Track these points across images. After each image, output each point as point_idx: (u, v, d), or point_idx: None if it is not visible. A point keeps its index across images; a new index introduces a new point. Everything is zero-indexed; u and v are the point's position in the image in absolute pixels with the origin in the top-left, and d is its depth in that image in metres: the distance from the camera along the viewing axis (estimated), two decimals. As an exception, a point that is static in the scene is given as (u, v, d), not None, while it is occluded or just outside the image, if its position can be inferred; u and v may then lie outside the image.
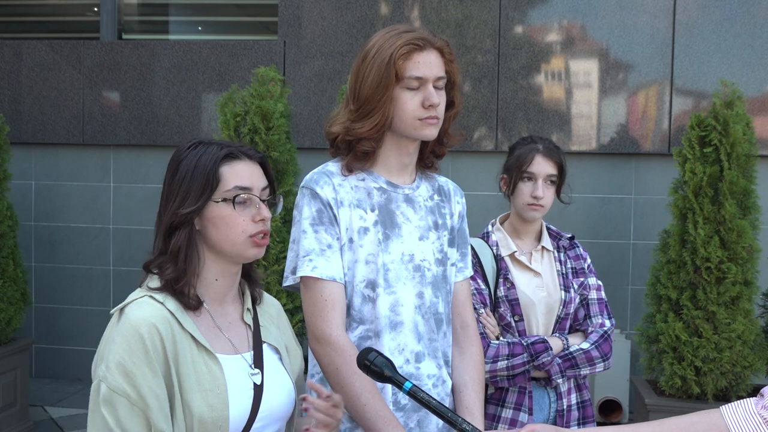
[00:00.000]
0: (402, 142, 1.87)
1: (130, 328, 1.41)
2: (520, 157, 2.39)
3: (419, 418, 1.85)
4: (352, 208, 1.83)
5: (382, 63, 1.78)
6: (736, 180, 3.57)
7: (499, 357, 2.26)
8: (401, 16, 5.05)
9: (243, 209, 1.51)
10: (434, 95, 1.80)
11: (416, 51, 1.79)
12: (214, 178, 1.49)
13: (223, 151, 1.51)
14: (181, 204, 1.48)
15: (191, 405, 1.41)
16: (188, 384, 1.42)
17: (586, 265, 2.46)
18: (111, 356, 1.40)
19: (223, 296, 1.58)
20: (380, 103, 1.78)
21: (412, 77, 1.78)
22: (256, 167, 1.55)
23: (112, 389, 1.38)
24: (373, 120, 1.79)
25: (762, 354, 3.65)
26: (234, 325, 1.58)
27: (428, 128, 1.82)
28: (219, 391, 1.45)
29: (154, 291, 1.49)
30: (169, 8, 5.92)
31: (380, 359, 1.53)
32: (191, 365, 1.44)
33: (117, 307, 1.49)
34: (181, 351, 1.44)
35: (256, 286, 1.67)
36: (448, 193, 2.01)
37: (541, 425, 1.50)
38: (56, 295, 5.50)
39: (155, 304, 1.46)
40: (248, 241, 1.51)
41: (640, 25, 4.86)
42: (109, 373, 1.39)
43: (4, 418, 4.31)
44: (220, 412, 1.44)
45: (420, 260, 1.87)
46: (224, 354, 1.52)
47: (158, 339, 1.41)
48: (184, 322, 1.47)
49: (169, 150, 6.09)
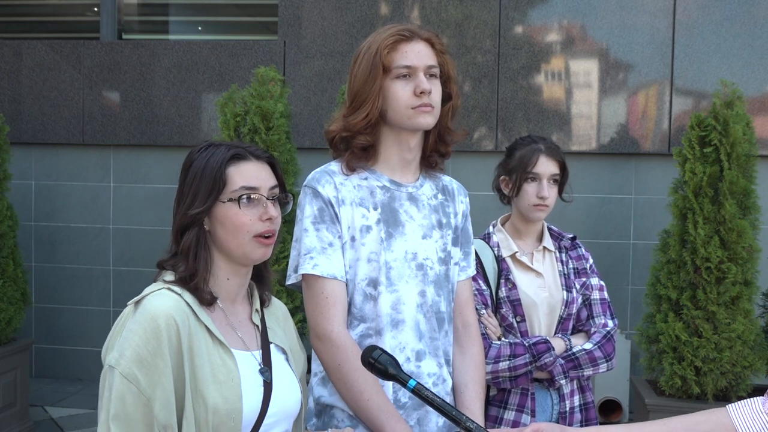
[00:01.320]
0: (401, 137, 1.87)
1: (148, 318, 1.43)
2: (524, 158, 2.37)
3: (419, 417, 1.85)
4: (354, 206, 1.84)
5: (370, 56, 1.81)
6: (736, 180, 3.57)
7: (501, 358, 2.24)
8: (401, 16, 5.05)
9: (250, 209, 1.53)
10: (425, 82, 1.81)
11: (402, 41, 1.82)
12: (221, 179, 1.52)
13: (231, 152, 1.55)
14: (190, 205, 1.53)
15: (206, 396, 1.44)
16: (203, 375, 1.45)
17: (588, 266, 2.45)
18: (126, 344, 1.41)
19: (235, 295, 1.61)
20: (370, 95, 1.81)
21: (400, 66, 1.80)
22: (264, 167, 1.58)
23: (124, 375, 1.39)
24: (364, 110, 1.81)
25: (762, 354, 3.65)
26: (243, 324, 1.61)
27: (422, 116, 1.82)
28: (233, 383, 1.48)
29: (171, 284, 1.52)
30: (169, 8, 5.92)
31: (384, 357, 1.54)
32: (206, 357, 1.47)
33: (133, 300, 1.51)
34: (197, 343, 1.46)
35: (266, 289, 1.70)
36: (452, 192, 2.01)
37: (546, 424, 1.50)
38: (56, 295, 5.50)
39: (173, 296, 1.49)
40: (254, 241, 1.54)
41: (640, 25, 4.86)
42: (123, 360, 1.40)
43: (4, 418, 4.31)
44: (234, 404, 1.46)
45: (423, 259, 1.87)
46: (237, 349, 1.55)
47: (174, 330, 1.43)
48: (201, 315, 1.50)
49: (169, 150, 6.07)
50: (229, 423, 1.46)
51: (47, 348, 5.52)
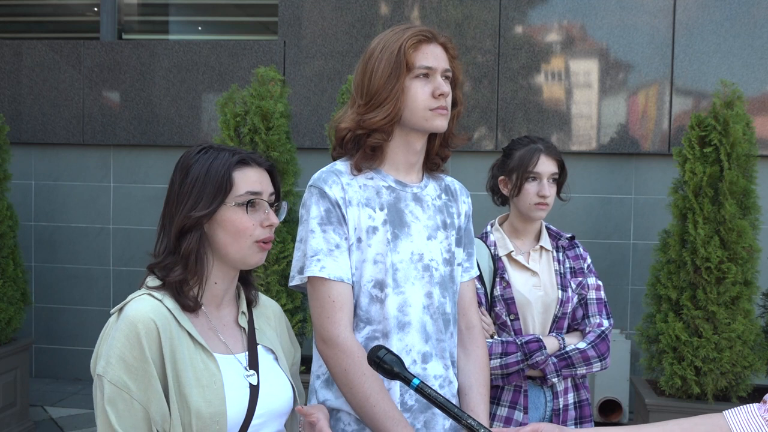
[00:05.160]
0: (410, 139, 1.86)
1: (128, 324, 1.44)
2: (524, 157, 2.39)
3: (426, 419, 1.84)
4: (361, 207, 1.82)
5: (392, 54, 1.80)
6: (736, 180, 3.56)
7: (493, 355, 2.26)
8: (401, 16, 5.05)
9: (253, 214, 1.55)
10: (444, 85, 1.81)
11: (424, 42, 1.82)
12: (227, 183, 1.53)
13: (236, 157, 1.56)
14: (193, 207, 1.53)
15: (189, 400, 1.44)
16: (185, 379, 1.45)
17: (585, 265, 2.46)
18: (112, 351, 1.42)
19: (221, 299, 1.61)
20: (392, 93, 1.80)
21: (422, 66, 1.80)
22: (264, 174, 1.60)
23: (113, 383, 1.40)
24: (386, 109, 1.80)
25: (762, 354, 3.65)
26: (228, 327, 1.61)
27: (439, 119, 1.82)
28: (216, 387, 1.48)
29: (152, 289, 1.52)
30: (169, 8, 5.92)
31: (390, 356, 1.55)
32: (188, 361, 1.47)
33: (116, 307, 1.52)
34: (178, 347, 1.46)
35: (252, 289, 1.70)
36: (455, 192, 2.01)
37: (545, 424, 1.51)
38: (56, 295, 5.50)
39: (153, 301, 1.49)
40: (254, 246, 1.55)
41: (640, 25, 4.86)
42: (110, 368, 1.41)
43: (4, 418, 4.31)
44: (218, 408, 1.46)
45: (429, 260, 1.86)
46: (219, 353, 1.55)
47: (154, 335, 1.44)
48: (182, 320, 1.50)
49: (169, 150, 6.08)
50: (213, 426, 1.46)
51: (47, 348, 5.52)
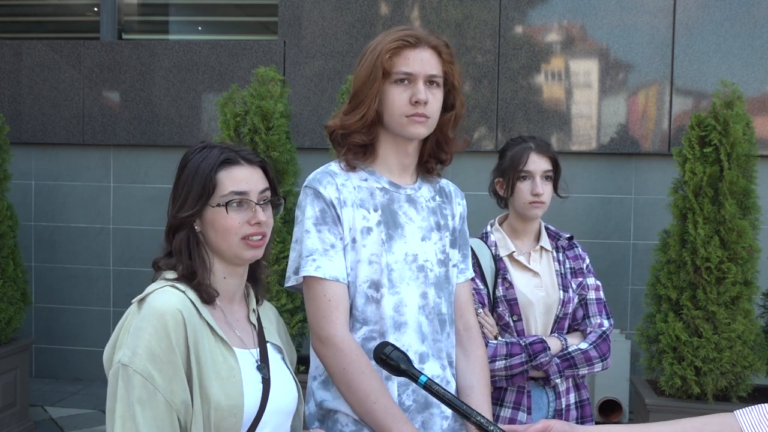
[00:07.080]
0: (399, 142, 1.87)
1: (156, 314, 1.45)
2: (515, 157, 2.40)
3: (423, 420, 1.84)
4: (355, 207, 1.83)
5: (372, 58, 1.80)
6: (736, 180, 3.56)
7: (497, 357, 2.26)
8: (401, 16, 5.05)
9: (238, 213, 1.56)
10: (422, 92, 1.79)
11: (407, 47, 1.79)
12: (210, 184, 1.55)
13: (222, 156, 1.57)
14: (181, 207, 1.56)
15: (209, 392, 1.46)
16: (206, 371, 1.47)
17: (584, 265, 2.46)
18: (139, 342, 1.43)
19: (233, 294, 1.64)
20: (367, 96, 1.80)
21: (399, 72, 1.79)
22: (255, 171, 1.60)
23: (140, 372, 1.41)
24: (360, 111, 1.81)
25: (762, 354, 3.65)
26: (241, 323, 1.64)
27: (414, 126, 1.80)
28: (235, 380, 1.50)
29: (174, 281, 1.54)
30: (169, 8, 5.92)
31: (396, 353, 1.56)
32: (209, 354, 1.49)
33: (137, 298, 1.53)
34: (201, 339, 1.49)
35: (260, 288, 1.73)
36: (449, 194, 2.01)
37: (555, 421, 1.50)
38: (56, 295, 5.50)
39: (178, 293, 1.51)
40: (242, 243, 1.57)
41: (640, 25, 4.86)
42: (137, 358, 1.42)
43: (4, 418, 4.31)
44: (236, 401, 1.49)
45: (423, 261, 1.87)
46: (236, 347, 1.57)
47: (182, 326, 1.46)
48: (203, 313, 1.53)
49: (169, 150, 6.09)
50: (230, 419, 1.48)
51: (47, 348, 5.52)
